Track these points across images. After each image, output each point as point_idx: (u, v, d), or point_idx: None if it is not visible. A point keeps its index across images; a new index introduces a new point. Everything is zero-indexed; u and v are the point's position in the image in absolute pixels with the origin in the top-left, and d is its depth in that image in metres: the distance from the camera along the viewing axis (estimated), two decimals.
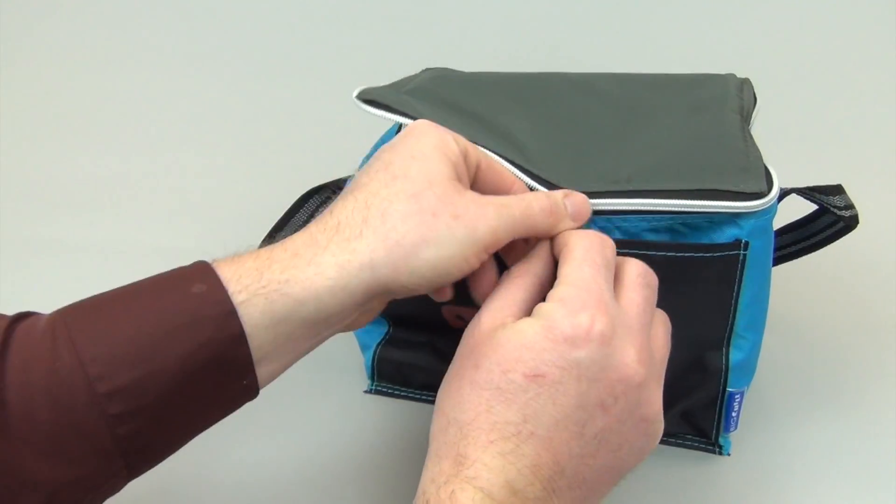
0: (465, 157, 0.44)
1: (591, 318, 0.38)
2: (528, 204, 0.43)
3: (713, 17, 1.02)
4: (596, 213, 0.47)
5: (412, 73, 0.63)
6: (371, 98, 0.53)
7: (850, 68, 0.98)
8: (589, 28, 1.04)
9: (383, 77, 0.64)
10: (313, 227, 0.41)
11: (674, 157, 0.49)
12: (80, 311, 0.38)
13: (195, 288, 0.39)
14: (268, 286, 0.39)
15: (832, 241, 0.54)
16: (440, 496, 0.36)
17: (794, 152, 0.53)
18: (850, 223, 0.51)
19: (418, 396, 0.62)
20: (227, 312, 0.38)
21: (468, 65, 0.65)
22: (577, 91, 0.57)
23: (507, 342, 0.39)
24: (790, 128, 0.54)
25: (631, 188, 0.47)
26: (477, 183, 0.45)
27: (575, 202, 0.44)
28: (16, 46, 1.11)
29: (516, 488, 0.37)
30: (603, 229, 0.48)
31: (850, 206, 0.51)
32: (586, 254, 0.41)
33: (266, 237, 0.62)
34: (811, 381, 0.63)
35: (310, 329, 0.41)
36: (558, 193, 0.44)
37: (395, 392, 0.62)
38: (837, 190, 0.52)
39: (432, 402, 0.60)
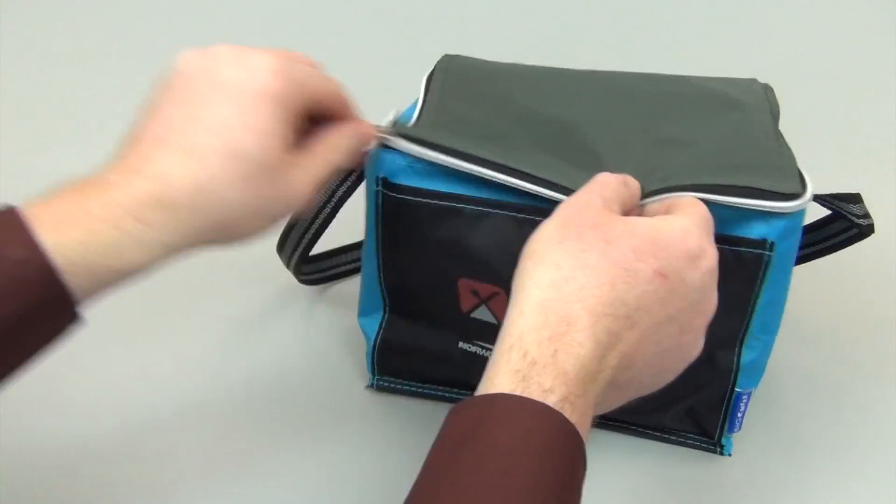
0: (306, 104, 0.44)
1: (713, 250, 0.42)
2: (334, 161, 0.46)
3: (731, 24, 1.04)
4: None
5: (419, 71, 0.61)
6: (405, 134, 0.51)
7: (865, 75, 1.00)
8: (605, 35, 1.05)
9: (389, 72, 0.63)
10: (143, 203, 0.40)
11: (708, 153, 0.49)
12: None
13: (14, 252, 0.38)
14: (92, 258, 0.39)
15: (844, 247, 0.56)
16: (542, 350, 0.37)
17: (809, 158, 0.54)
18: (865, 231, 0.53)
19: (419, 391, 0.61)
20: (48, 277, 0.38)
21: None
22: (608, 90, 0.56)
23: (644, 233, 0.41)
24: (805, 134, 0.55)
25: (667, 185, 0.47)
26: (314, 111, 0.46)
27: (361, 139, 0.48)
28: (15, 46, 1.07)
29: (602, 367, 0.38)
30: None
31: (867, 216, 0.53)
32: (707, 210, 0.45)
33: (283, 233, 0.61)
34: (813, 382, 0.63)
35: (123, 283, 0.41)
36: (350, 130, 0.47)
37: (396, 387, 0.62)
38: (856, 199, 0.53)
39: (433, 398, 0.61)
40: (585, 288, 0.38)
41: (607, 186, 0.44)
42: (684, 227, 0.42)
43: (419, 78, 0.59)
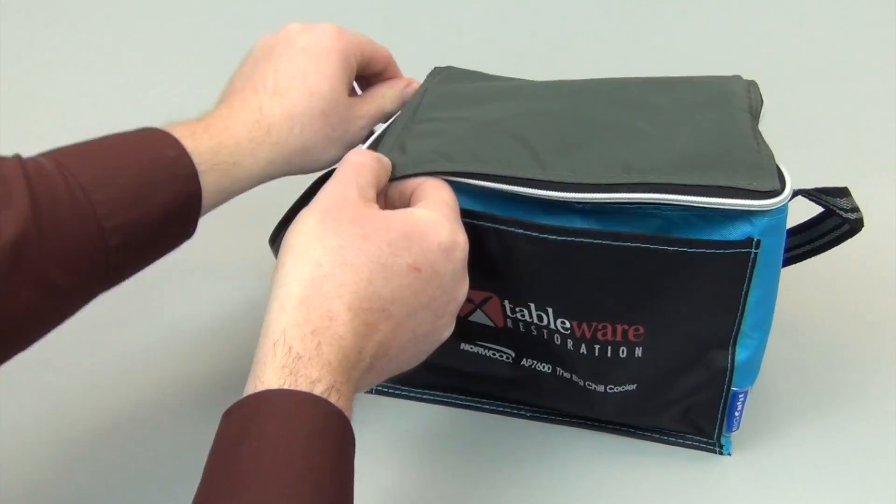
0: (361, 61, 0.57)
1: (463, 238, 0.46)
2: (383, 105, 0.58)
3: (717, 19, 1.03)
4: (611, 204, 0.47)
5: (414, 73, 0.63)
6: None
7: (853, 70, 0.99)
8: (593, 32, 1.05)
9: None
10: (253, 128, 0.52)
11: (685, 151, 0.49)
12: (78, 159, 0.47)
13: (168, 152, 0.48)
14: (220, 165, 0.50)
15: (837, 244, 0.55)
16: (306, 345, 0.39)
17: (798, 154, 0.53)
18: (856, 226, 0.52)
19: (419, 396, 0.62)
20: (193, 174, 0.49)
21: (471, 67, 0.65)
22: (586, 92, 0.57)
23: (399, 227, 0.43)
24: (794, 130, 0.55)
25: (645, 181, 0.47)
26: (367, 68, 0.59)
27: (409, 92, 0.60)
28: (15, 46, 1.09)
29: (361, 357, 0.41)
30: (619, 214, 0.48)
31: (856, 209, 0.52)
32: (450, 192, 0.49)
33: (278, 224, 0.62)
34: (812, 381, 0.63)
35: (236, 194, 0.52)
36: (401, 84, 0.60)
37: (396, 392, 0.62)
38: (843, 192, 0.52)
39: (433, 402, 0.61)
40: (344, 284, 0.41)
41: (363, 171, 0.47)
42: (436, 220, 0.45)
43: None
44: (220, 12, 1.11)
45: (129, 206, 0.47)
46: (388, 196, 0.50)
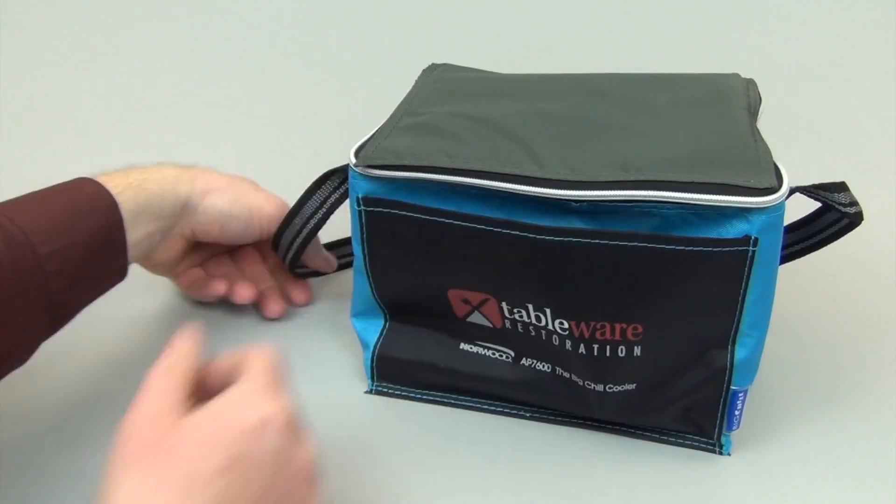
0: None
1: (278, 404, 0.42)
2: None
3: (716, 17, 1.03)
4: (609, 201, 0.47)
5: (412, 71, 0.63)
6: (373, 164, 0.52)
7: (851, 68, 0.99)
8: (592, 30, 1.05)
9: (387, 71, 0.64)
10: (156, 164, 0.62)
11: (683, 149, 0.49)
12: (5, 204, 0.52)
13: (87, 188, 0.56)
14: (132, 184, 0.58)
15: (836, 239, 0.55)
16: None
17: (796, 152, 0.53)
18: (855, 220, 0.52)
19: (419, 396, 0.62)
20: (112, 205, 0.56)
21: (468, 64, 0.65)
22: (583, 90, 0.57)
23: (200, 433, 0.40)
24: (792, 127, 0.55)
25: (642, 178, 0.47)
26: None
27: None
28: (15, 46, 1.09)
29: None
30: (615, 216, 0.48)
31: (854, 203, 0.52)
32: (265, 355, 0.45)
33: (283, 221, 0.62)
34: (811, 380, 0.63)
35: (158, 222, 0.60)
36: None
37: (396, 392, 0.62)
38: (841, 187, 0.52)
39: (433, 402, 0.61)
40: None
41: (155, 388, 0.43)
42: (240, 401, 0.42)
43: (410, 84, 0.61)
44: (220, 12, 1.11)
45: (60, 233, 0.52)
46: (213, 374, 0.47)
